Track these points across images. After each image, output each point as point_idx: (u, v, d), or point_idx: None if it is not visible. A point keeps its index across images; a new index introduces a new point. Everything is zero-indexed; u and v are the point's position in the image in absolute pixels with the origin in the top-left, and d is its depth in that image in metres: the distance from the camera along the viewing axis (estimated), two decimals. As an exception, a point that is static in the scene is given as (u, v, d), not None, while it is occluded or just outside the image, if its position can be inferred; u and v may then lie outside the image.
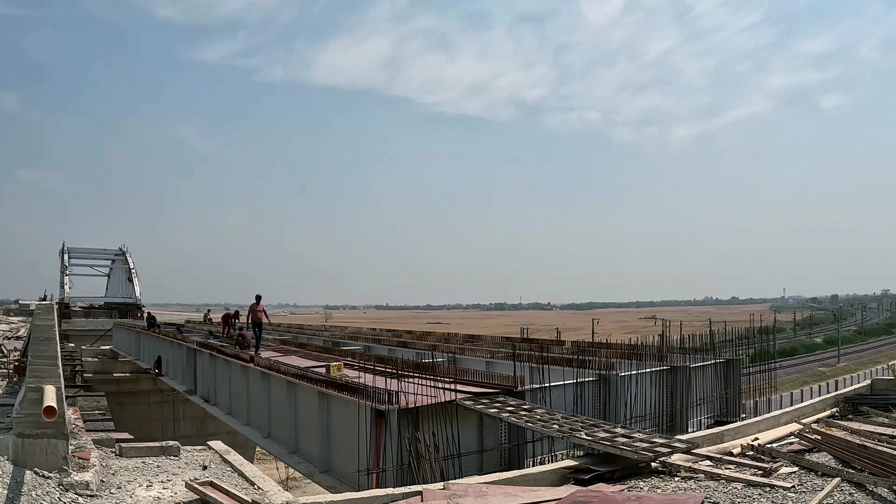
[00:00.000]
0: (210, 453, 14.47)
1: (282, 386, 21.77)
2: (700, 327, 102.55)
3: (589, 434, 13.52)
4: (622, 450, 12.45)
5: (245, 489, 11.66)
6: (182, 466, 13.33)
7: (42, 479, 10.71)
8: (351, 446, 16.50)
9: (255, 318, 30.36)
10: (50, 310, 11.25)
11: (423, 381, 17.00)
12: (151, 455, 13.97)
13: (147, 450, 14.07)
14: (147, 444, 14.22)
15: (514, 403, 16.33)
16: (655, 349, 23.22)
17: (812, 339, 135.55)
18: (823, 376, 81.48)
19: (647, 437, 13.60)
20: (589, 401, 19.05)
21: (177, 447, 14.31)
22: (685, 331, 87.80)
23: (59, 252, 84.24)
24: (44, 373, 10.97)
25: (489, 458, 16.73)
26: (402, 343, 33.30)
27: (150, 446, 14.16)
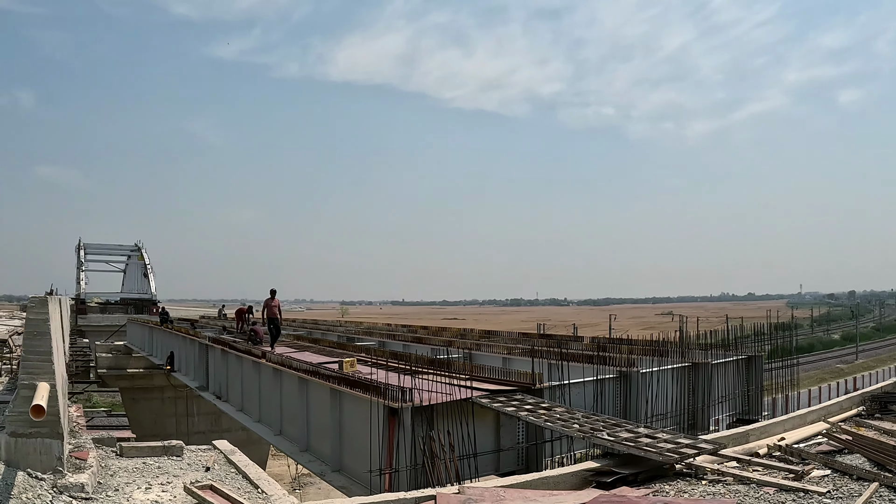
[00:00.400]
0: (215, 453, 13.91)
1: (293, 382, 21.28)
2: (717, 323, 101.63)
3: (611, 434, 12.92)
4: (646, 451, 11.85)
5: (248, 493, 11.13)
6: (184, 468, 12.78)
7: (35, 480, 10.18)
8: (363, 445, 15.99)
9: (270, 314, 29.41)
10: (44, 303, 10.64)
11: (437, 378, 16.46)
12: (153, 455, 13.42)
13: (149, 450, 13.51)
14: (149, 444, 13.66)
15: (533, 401, 15.73)
16: (677, 345, 22.64)
17: (829, 335, 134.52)
18: (842, 373, 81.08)
19: (672, 437, 13.00)
20: (609, 399, 18.52)
21: (180, 447, 13.75)
22: (702, 327, 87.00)
23: (75, 248, 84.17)
24: (37, 369, 10.39)
25: (506, 457, 16.22)
26: (418, 339, 32.75)
27: (152, 446, 13.60)
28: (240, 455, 13.36)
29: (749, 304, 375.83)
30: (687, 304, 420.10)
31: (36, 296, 10.59)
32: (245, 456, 13.32)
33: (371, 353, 24.70)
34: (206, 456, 13.66)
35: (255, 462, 13.34)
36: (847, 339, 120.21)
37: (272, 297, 29.52)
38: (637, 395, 18.94)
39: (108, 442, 13.83)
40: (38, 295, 10.76)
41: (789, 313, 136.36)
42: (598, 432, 13.03)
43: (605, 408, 18.17)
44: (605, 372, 18.81)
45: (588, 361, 19.88)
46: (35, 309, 10.58)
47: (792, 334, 27.39)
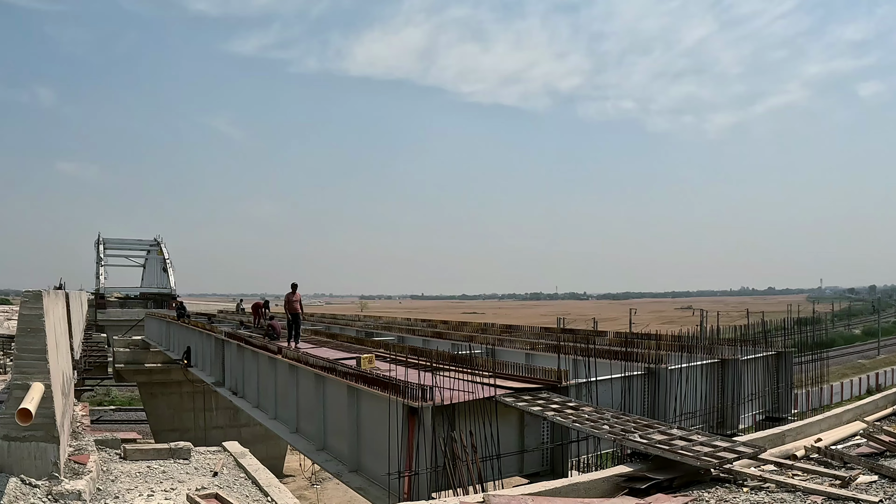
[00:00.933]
0: (224, 456, 13.23)
1: (310, 379, 20.65)
2: (737, 318, 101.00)
3: (644, 436, 12.21)
4: (683, 455, 11.12)
5: (256, 502, 10.43)
6: (191, 472, 12.09)
7: (29, 487, 9.51)
8: (381, 445, 15.29)
9: (291, 309, 28.32)
10: (38, 298, 9.90)
11: (459, 375, 15.79)
12: (159, 458, 12.73)
13: (154, 452, 12.82)
14: (154, 446, 12.98)
15: (559, 400, 15.02)
16: (707, 341, 21.91)
17: (850, 330, 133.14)
18: (864, 368, 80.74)
19: (708, 439, 12.25)
20: (637, 396, 17.82)
21: (187, 449, 13.04)
22: (723, 322, 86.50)
23: (94, 243, 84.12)
24: (31, 368, 9.69)
25: (530, 459, 15.52)
26: (438, 334, 32.06)
27: (158, 448, 12.91)
28: (250, 458, 12.68)
29: (769, 298, 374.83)
30: (706, 298, 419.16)
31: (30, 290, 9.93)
32: (256, 459, 12.63)
33: (390, 348, 24.16)
34: (214, 459, 12.98)
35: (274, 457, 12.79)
36: (868, 333, 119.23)
37: (293, 291, 28.38)
38: (666, 393, 18.27)
39: (111, 444, 13.15)
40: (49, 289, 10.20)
41: (810, 308, 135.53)
42: (630, 434, 12.31)
43: (632, 406, 17.52)
44: (632, 368, 18.15)
45: (614, 357, 19.18)
46: (28, 304, 9.85)
47: (824, 327, 26.70)
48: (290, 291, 28.40)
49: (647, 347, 20.13)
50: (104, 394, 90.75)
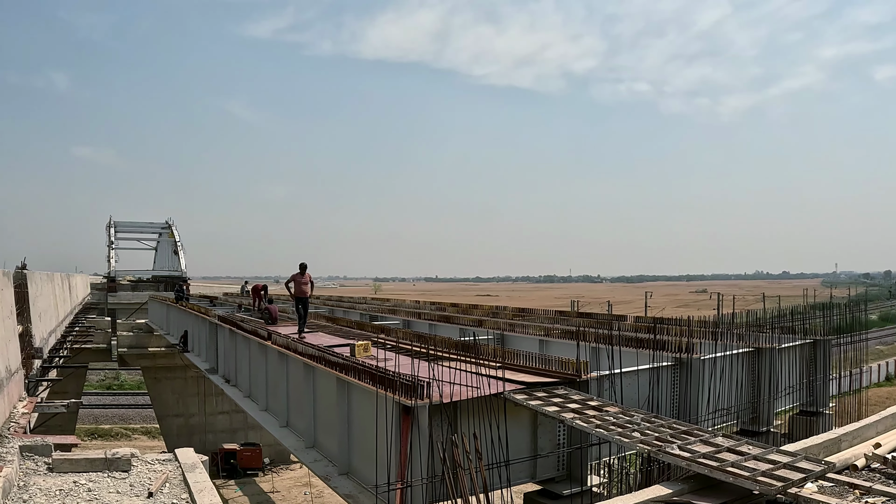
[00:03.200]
0: (172, 467, 10.93)
1: (299, 368, 18.64)
2: (752, 302, 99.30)
3: (684, 447, 10.00)
4: (736, 476, 8.92)
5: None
6: (123, 490, 9.80)
7: None
8: (373, 445, 13.18)
9: (299, 292, 24.75)
10: None
11: (463, 365, 13.67)
12: (92, 469, 10.45)
13: (86, 463, 10.50)
14: (88, 456, 10.67)
15: (578, 398, 12.84)
16: (742, 327, 19.83)
17: (867, 315, 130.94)
18: (882, 354, 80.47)
19: (762, 452, 9.93)
20: (666, 391, 15.70)
21: (127, 459, 10.73)
22: (738, 306, 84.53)
23: (105, 226, 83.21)
24: None
25: (544, 464, 13.38)
26: (446, 318, 29.94)
27: (92, 458, 10.60)
28: (199, 473, 10.39)
29: (784, 282, 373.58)
30: (721, 281, 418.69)
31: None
32: (205, 475, 10.33)
33: (391, 334, 22.11)
34: (159, 471, 10.72)
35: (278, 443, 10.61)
36: (885, 319, 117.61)
37: (302, 272, 24.82)
38: (698, 387, 16.19)
39: (41, 450, 10.91)
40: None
41: (825, 292, 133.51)
42: (667, 445, 10.08)
43: (660, 402, 15.42)
44: (659, 358, 15.99)
45: (638, 346, 17.07)
46: None
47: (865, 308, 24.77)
48: (298, 272, 24.84)
49: (674, 334, 17.93)
50: (114, 377, 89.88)
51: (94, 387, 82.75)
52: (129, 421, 71.13)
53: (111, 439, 64.50)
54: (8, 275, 14.91)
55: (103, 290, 74.39)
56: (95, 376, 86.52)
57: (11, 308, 14.66)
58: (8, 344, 13.54)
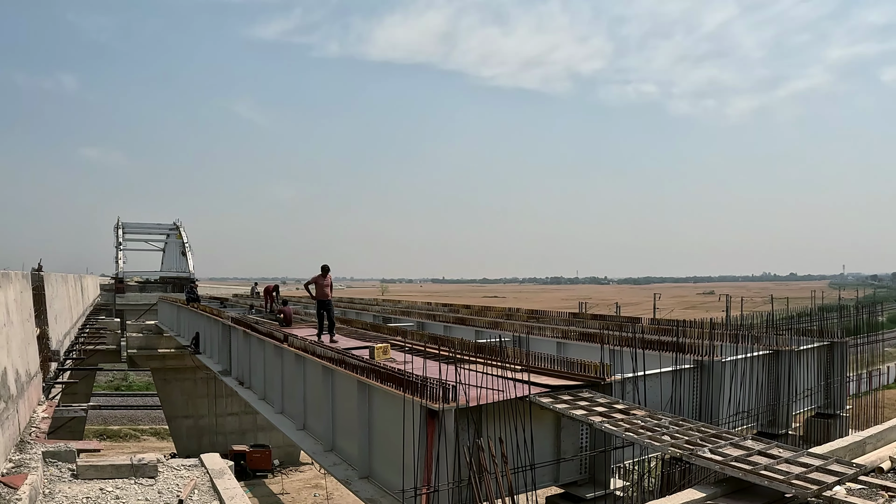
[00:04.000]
0: (198, 474, 10.85)
1: (317, 371, 18.52)
2: (760, 304, 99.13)
3: (715, 451, 9.94)
4: (771, 479, 8.85)
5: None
6: (152, 497, 9.68)
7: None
8: (396, 450, 13.10)
9: (321, 294, 23.78)
10: None
11: (487, 368, 13.57)
12: (118, 476, 10.36)
13: (112, 469, 10.40)
14: (113, 462, 10.57)
15: (604, 401, 12.75)
16: (762, 328, 19.78)
17: (874, 317, 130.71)
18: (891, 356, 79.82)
19: (794, 455, 9.89)
20: (687, 393, 15.64)
21: (153, 466, 10.63)
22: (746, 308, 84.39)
23: (113, 227, 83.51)
24: None
25: (567, 468, 13.25)
26: (460, 320, 29.83)
27: (118, 465, 10.50)
28: (228, 479, 10.31)
29: (791, 284, 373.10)
30: (728, 283, 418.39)
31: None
32: (234, 480, 10.26)
33: (408, 336, 22.02)
34: (187, 477, 10.63)
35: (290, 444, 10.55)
36: (893, 321, 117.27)
37: (324, 274, 24.02)
38: (719, 389, 16.11)
39: (65, 456, 10.81)
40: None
41: (833, 294, 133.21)
42: (699, 449, 10.01)
43: (682, 404, 15.36)
44: (680, 361, 15.92)
45: (658, 348, 17.01)
46: None
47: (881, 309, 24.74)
48: (321, 274, 24.06)
49: (693, 337, 17.84)
50: (122, 378, 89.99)
51: (102, 388, 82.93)
52: (138, 422, 71.20)
53: (120, 440, 64.56)
54: (27, 277, 14.87)
55: (111, 292, 74.83)
56: (104, 377, 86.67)
57: (30, 311, 14.64)
58: (28, 347, 13.51)
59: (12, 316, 11.30)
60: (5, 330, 10.38)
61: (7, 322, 10.66)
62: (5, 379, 10.11)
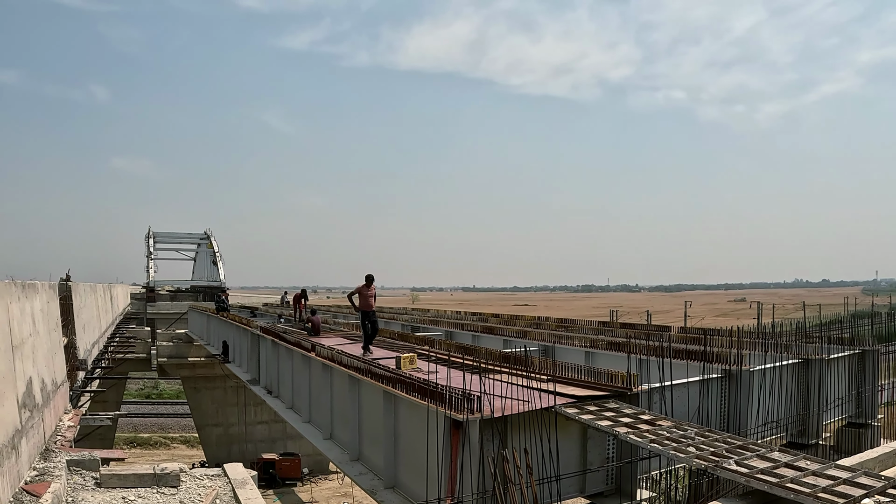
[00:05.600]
0: (221, 484, 10.81)
1: (344, 381, 18.54)
2: (792, 311, 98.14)
3: (741, 463, 9.81)
4: (797, 492, 8.73)
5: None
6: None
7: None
8: (421, 460, 13.10)
9: (365, 304, 22.75)
10: None
11: (513, 378, 13.50)
12: (141, 485, 10.32)
13: (135, 478, 10.37)
14: (136, 471, 10.55)
15: (630, 412, 12.63)
16: (793, 336, 19.55)
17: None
18: None
19: (821, 466, 9.76)
20: (714, 403, 15.50)
21: (176, 475, 10.59)
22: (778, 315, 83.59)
23: (144, 237, 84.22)
24: None
25: (593, 479, 13.13)
26: (488, 329, 29.70)
27: (141, 474, 10.48)
28: (250, 489, 10.26)
29: (824, 290, 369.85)
30: (760, 290, 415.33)
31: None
32: (257, 490, 10.20)
33: (435, 345, 21.94)
34: (209, 487, 10.60)
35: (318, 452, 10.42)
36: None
37: (368, 284, 22.94)
38: (747, 399, 15.97)
39: (89, 465, 10.80)
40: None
41: (866, 300, 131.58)
42: (725, 461, 9.87)
43: (709, 415, 15.22)
44: (708, 370, 15.78)
45: (686, 357, 16.87)
46: None
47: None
48: (364, 284, 22.95)
49: (722, 345, 17.68)
50: (152, 387, 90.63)
51: (132, 396, 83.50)
52: (168, 430, 71.64)
53: (150, 448, 64.97)
54: (54, 287, 14.97)
55: (142, 300, 75.45)
56: (134, 385, 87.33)
57: (57, 320, 14.72)
58: (54, 357, 13.58)
59: (38, 326, 11.37)
60: (31, 340, 10.44)
61: (33, 332, 10.72)
62: (30, 388, 10.16)
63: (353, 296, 23.06)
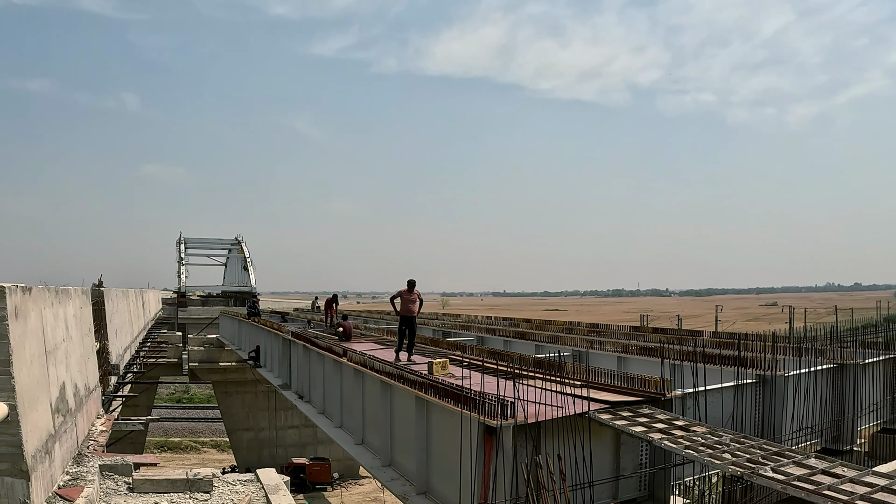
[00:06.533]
0: (254, 489, 10.79)
1: (376, 386, 18.56)
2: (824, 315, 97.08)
3: (777, 469, 9.74)
4: (836, 501, 8.57)
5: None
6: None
7: (-13, 534, 7.43)
8: (454, 465, 13.07)
9: (406, 310, 21.98)
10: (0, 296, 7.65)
11: (546, 384, 13.45)
12: (174, 490, 10.31)
13: (168, 483, 10.37)
14: (169, 476, 10.55)
15: (664, 418, 12.56)
16: (828, 340, 19.38)
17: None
18: None
19: (858, 473, 9.67)
20: (749, 409, 15.38)
21: (208, 480, 10.57)
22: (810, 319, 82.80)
23: (175, 242, 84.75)
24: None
25: (626, 485, 13.06)
26: (520, 334, 29.63)
27: (173, 479, 10.48)
28: (283, 494, 10.22)
29: (856, 294, 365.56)
30: (791, 294, 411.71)
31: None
32: (289, 496, 10.19)
33: (467, 350, 21.92)
34: (242, 492, 10.59)
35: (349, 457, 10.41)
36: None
37: (410, 289, 22.18)
38: (782, 404, 15.83)
39: (121, 470, 10.80)
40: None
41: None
42: (761, 467, 9.80)
43: (743, 421, 15.11)
44: (742, 375, 15.68)
45: (719, 362, 16.77)
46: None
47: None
48: (406, 289, 22.19)
49: (755, 350, 17.57)
50: (183, 391, 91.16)
51: (163, 400, 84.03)
52: (199, 434, 71.98)
53: (180, 452, 65.28)
54: (87, 292, 15.05)
55: (174, 305, 75.90)
56: (165, 390, 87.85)
57: (90, 326, 14.79)
58: (87, 362, 13.64)
59: (71, 331, 11.44)
60: (64, 345, 10.50)
61: (66, 337, 10.79)
62: (64, 393, 10.21)
63: (395, 300, 22.39)
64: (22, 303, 8.08)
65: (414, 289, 22.16)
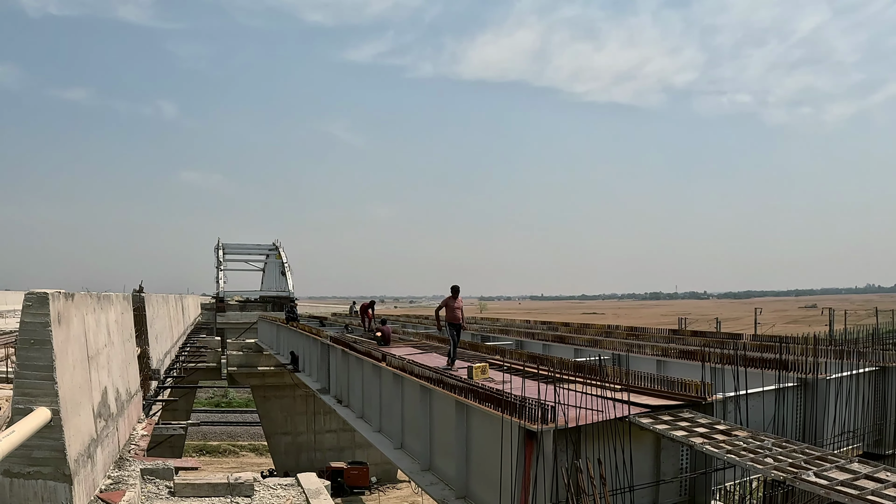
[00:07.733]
0: (294, 493, 10.85)
1: (415, 391, 18.63)
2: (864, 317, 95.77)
3: (820, 474, 9.67)
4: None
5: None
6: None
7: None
8: (494, 470, 13.07)
9: (451, 317, 21.40)
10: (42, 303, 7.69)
11: (586, 388, 13.44)
12: (215, 494, 10.40)
13: (209, 487, 10.45)
14: (210, 480, 10.63)
15: (705, 422, 12.49)
16: (870, 343, 19.15)
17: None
18: None
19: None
20: (791, 413, 15.27)
21: (249, 485, 10.65)
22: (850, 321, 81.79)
23: (214, 248, 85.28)
24: (35, 390, 7.57)
25: (666, 490, 13.01)
26: (559, 338, 29.55)
27: (214, 483, 10.56)
28: (324, 499, 10.27)
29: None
30: (831, 296, 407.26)
31: (34, 291, 7.85)
32: (329, 501, 10.27)
33: (507, 355, 21.86)
34: (283, 496, 10.66)
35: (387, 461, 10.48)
36: None
37: (454, 296, 21.56)
38: (823, 408, 15.68)
39: (163, 474, 10.92)
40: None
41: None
42: (804, 472, 9.74)
43: (785, 425, 15.00)
44: (783, 378, 15.57)
45: (761, 365, 16.63)
46: (31, 310, 7.56)
47: None
48: (451, 296, 21.60)
49: (797, 353, 17.41)
50: (222, 395, 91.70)
51: (202, 404, 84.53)
52: (237, 438, 72.36)
53: (219, 456, 65.66)
54: (128, 298, 15.27)
55: (212, 311, 76.31)
56: (204, 394, 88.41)
57: (131, 331, 15.00)
58: (128, 367, 13.82)
59: (113, 337, 11.59)
60: (106, 350, 10.65)
61: (108, 343, 10.93)
62: (106, 398, 10.35)
63: (441, 309, 21.80)
64: (65, 309, 8.22)
65: (458, 296, 21.62)
